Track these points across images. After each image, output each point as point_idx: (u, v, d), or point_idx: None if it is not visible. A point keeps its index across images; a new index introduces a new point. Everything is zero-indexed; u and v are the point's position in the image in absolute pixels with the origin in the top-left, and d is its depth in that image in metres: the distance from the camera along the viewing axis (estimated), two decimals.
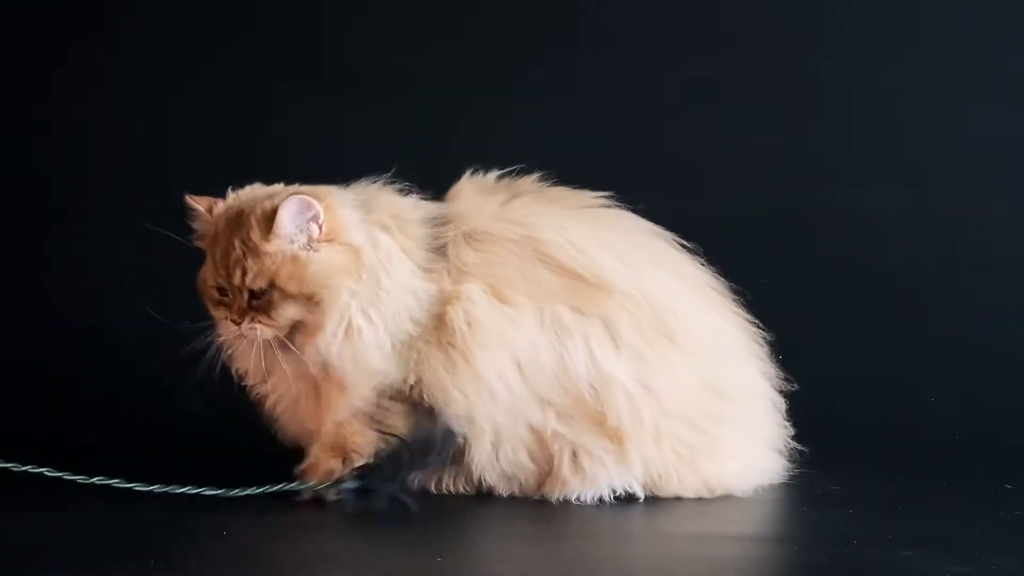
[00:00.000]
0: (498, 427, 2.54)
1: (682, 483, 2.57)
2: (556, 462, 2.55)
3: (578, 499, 2.55)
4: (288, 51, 3.48)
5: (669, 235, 2.68)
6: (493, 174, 2.67)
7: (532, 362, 2.52)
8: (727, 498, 2.58)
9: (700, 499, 2.57)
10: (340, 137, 3.41)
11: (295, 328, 2.50)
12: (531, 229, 2.58)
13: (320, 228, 2.49)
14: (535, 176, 2.67)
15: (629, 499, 2.55)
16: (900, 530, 2.39)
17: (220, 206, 2.55)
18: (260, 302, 2.49)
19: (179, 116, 3.47)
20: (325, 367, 2.53)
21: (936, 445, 2.97)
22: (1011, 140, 3.35)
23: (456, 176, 2.68)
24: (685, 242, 2.67)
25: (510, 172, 2.66)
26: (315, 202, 2.47)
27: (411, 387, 2.53)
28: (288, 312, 2.49)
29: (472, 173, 2.67)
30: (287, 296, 2.48)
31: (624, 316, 2.54)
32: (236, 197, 2.56)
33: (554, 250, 2.56)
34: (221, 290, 2.52)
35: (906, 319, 3.28)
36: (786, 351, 2.70)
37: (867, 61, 3.38)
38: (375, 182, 2.62)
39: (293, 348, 2.50)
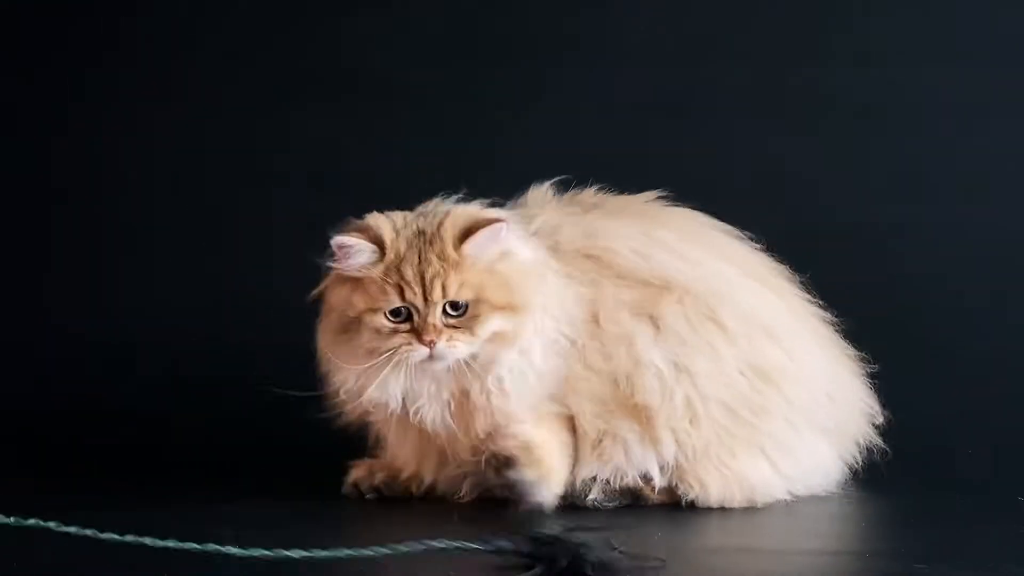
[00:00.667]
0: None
1: (719, 477, 2.57)
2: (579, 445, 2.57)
3: (598, 481, 2.55)
4: (288, 59, 3.49)
5: (725, 225, 2.71)
6: (548, 186, 2.69)
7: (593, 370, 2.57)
8: (727, 513, 2.57)
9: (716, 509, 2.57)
10: (356, 146, 3.42)
11: (489, 340, 2.51)
12: (600, 239, 2.61)
13: (499, 248, 2.52)
14: (593, 189, 2.70)
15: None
16: (912, 543, 2.38)
17: (388, 231, 2.52)
18: (462, 318, 2.49)
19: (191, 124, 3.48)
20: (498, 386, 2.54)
21: (949, 457, 2.95)
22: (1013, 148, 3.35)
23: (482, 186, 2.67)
24: (741, 232, 2.70)
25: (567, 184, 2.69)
26: (504, 226, 2.51)
27: None
28: (493, 324, 2.50)
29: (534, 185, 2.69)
30: (495, 308, 2.50)
31: (676, 312, 2.57)
32: (393, 220, 2.55)
33: (622, 260, 2.60)
34: (396, 312, 2.49)
35: (923, 330, 3.28)
36: None
37: (879, 71, 3.38)
38: (449, 197, 2.60)
39: (488, 359, 2.50)
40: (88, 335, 3.40)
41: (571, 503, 2.56)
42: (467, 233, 2.50)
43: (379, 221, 2.55)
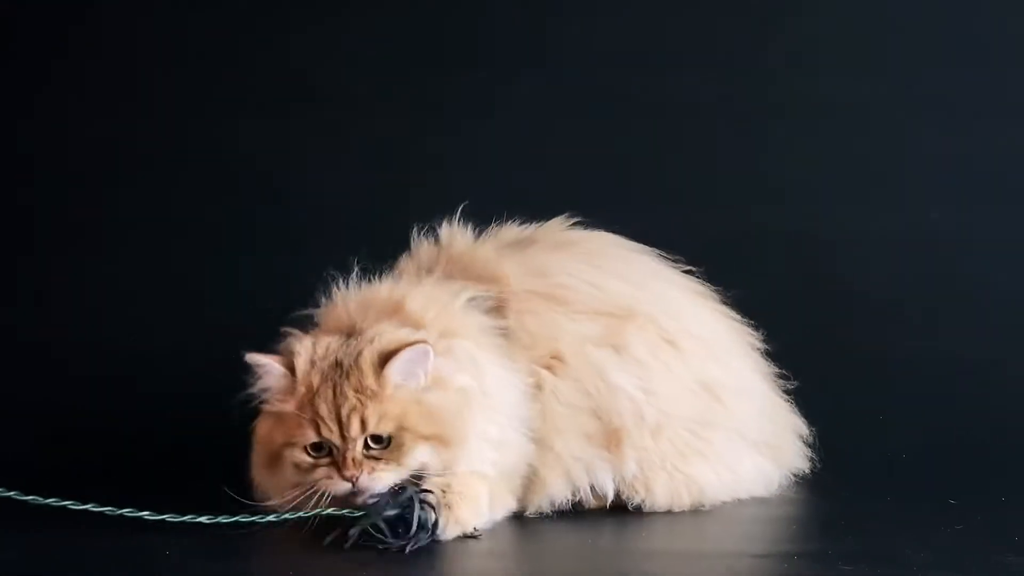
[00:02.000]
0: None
1: (667, 480, 2.59)
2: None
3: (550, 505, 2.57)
4: (240, 68, 3.49)
5: (651, 250, 2.75)
6: (466, 228, 2.68)
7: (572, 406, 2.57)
8: (673, 517, 2.59)
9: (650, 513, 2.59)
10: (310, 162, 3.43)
11: (418, 470, 2.41)
12: (555, 275, 2.62)
13: (426, 375, 2.43)
14: (511, 225, 2.70)
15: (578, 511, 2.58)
16: (841, 546, 2.39)
17: (303, 359, 2.43)
18: (386, 450, 2.39)
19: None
20: None
21: (883, 461, 2.97)
22: (988, 156, 3.37)
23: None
24: (666, 254, 2.74)
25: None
26: (431, 351, 2.42)
27: None
28: (420, 455, 2.40)
29: (441, 228, 2.67)
30: (420, 437, 2.40)
31: (638, 339, 2.60)
32: (313, 347, 2.45)
33: (583, 296, 2.61)
34: (317, 447, 2.41)
35: (857, 334, 3.29)
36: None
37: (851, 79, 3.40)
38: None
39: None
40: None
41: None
42: (386, 358, 2.41)
43: (298, 347, 2.45)
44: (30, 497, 2.47)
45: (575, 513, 2.59)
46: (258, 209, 3.39)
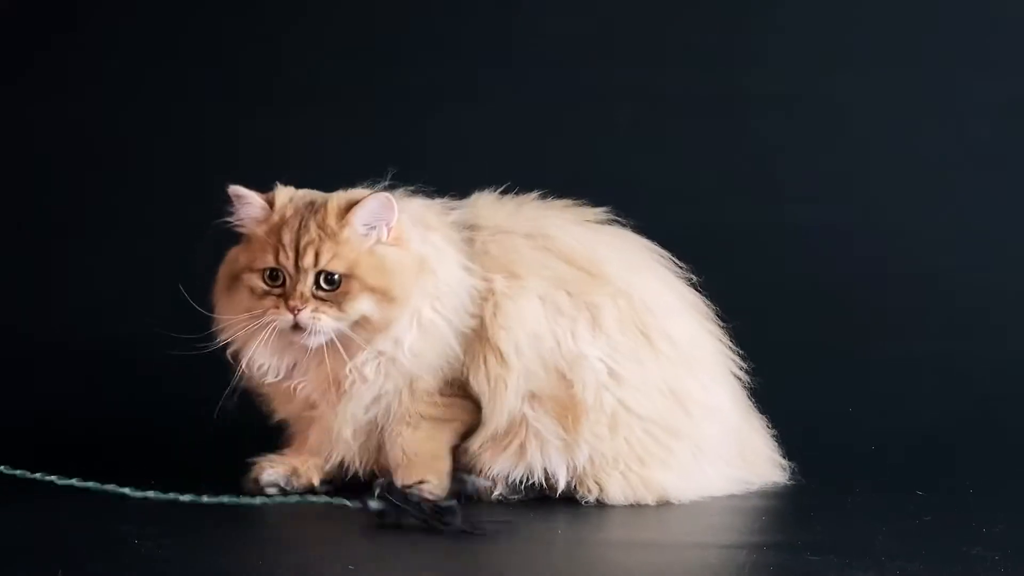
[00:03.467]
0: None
1: (623, 481, 2.59)
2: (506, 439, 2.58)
3: (500, 477, 2.58)
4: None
5: (666, 254, 2.73)
6: (495, 191, 2.71)
7: (531, 337, 2.58)
8: (637, 509, 2.59)
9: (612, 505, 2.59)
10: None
11: (358, 323, 2.52)
12: (542, 226, 2.65)
13: (389, 231, 2.54)
14: (535, 193, 2.72)
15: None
16: (809, 536, 2.41)
17: (284, 195, 2.56)
18: (333, 293, 2.50)
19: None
20: (358, 371, 2.55)
21: (853, 452, 2.99)
22: (965, 155, 3.39)
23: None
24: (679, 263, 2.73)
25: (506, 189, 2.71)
26: (395, 205, 2.53)
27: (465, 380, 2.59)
28: (362, 306, 2.52)
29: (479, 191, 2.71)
30: (366, 288, 2.51)
31: (611, 308, 2.60)
32: (300, 191, 2.58)
33: (561, 244, 2.63)
34: (273, 275, 2.52)
35: (831, 328, 3.31)
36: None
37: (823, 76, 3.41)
38: (385, 185, 2.62)
39: (358, 341, 2.51)
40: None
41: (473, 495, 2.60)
42: (351, 206, 2.52)
43: (280, 188, 2.58)
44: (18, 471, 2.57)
45: (540, 501, 2.59)
46: None
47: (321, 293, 2.50)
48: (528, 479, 2.59)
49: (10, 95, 3.52)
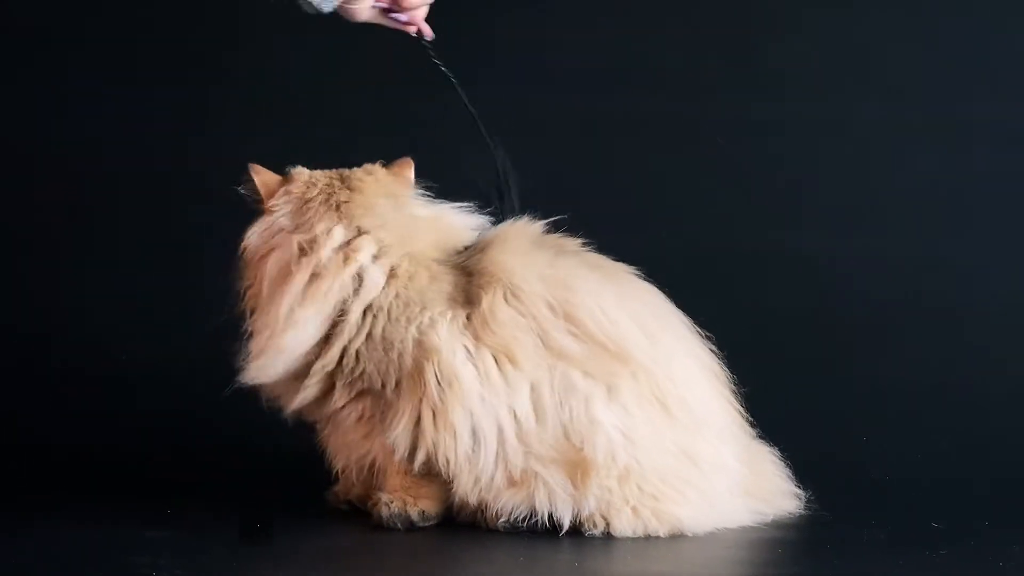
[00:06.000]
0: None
1: (632, 516, 2.57)
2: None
3: (502, 520, 2.56)
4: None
5: (687, 318, 2.70)
6: (538, 223, 2.67)
7: (528, 418, 2.54)
8: (650, 540, 2.58)
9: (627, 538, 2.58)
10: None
11: None
12: (571, 293, 2.59)
13: None
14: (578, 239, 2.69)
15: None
16: (826, 569, 2.42)
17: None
18: None
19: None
20: None
21: (869, 484, 2.98)
22: (957, 182, 3.38)
23: None
24: (700, 329, 2.70)
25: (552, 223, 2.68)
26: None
27: None
28: None
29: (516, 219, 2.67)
30: None
31: (630, 383, 2.57)
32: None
33: (586, 318, 2.58)
34: None
35: (842, 358, 3.32)
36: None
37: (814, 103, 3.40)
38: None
39: None
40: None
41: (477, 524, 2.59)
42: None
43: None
44: None
45: (546, 531, 2.58)
46: None
47: None
48: (532, 517, 2.57)
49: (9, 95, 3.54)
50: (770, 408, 2.75)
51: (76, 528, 2.54)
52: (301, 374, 2.59)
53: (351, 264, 2.57)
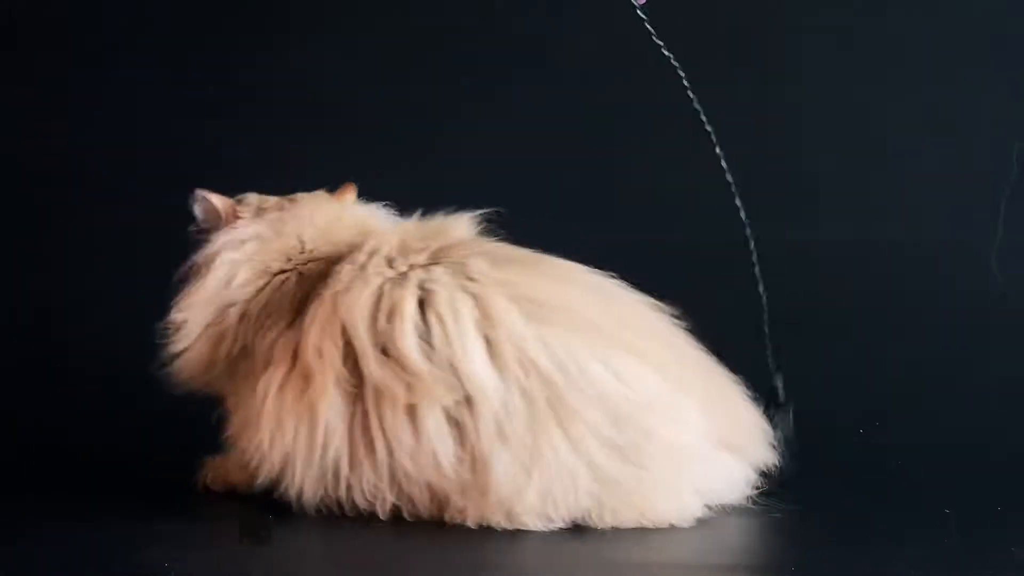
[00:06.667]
0: None
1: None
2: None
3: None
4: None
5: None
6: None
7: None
8: (666, 529, 2.56)
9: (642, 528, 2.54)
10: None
11: None
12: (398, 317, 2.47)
13: None
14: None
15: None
16: (837, 555, 2.40)
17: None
18: None
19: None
20: None
21: (880, 470, 2.96)
22: (959, 168, 3.38)
23: None
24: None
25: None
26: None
27: None
28: None
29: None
30: None
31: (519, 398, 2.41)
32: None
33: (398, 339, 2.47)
34: None
35: (853, 344, 3.33)
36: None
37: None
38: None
39: None
40: None
41: None
42: None
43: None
44: None
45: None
46: None
47: None
48: None
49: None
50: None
51: (86, 524, 2.54)
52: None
53: (218, 264, 2.60)
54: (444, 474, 2.40)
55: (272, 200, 2.68)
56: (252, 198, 2.68)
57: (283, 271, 2.60)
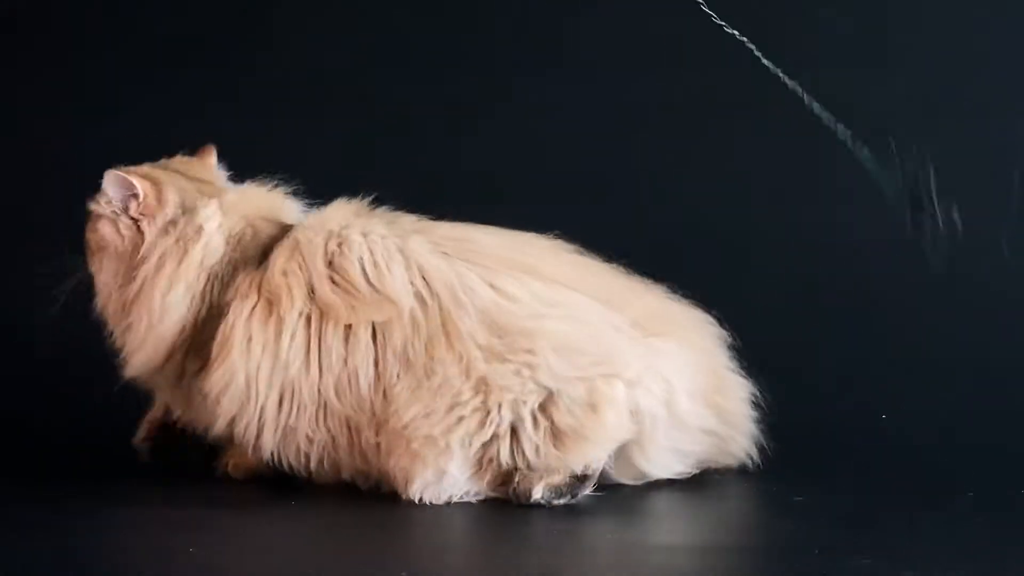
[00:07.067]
0: None
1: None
2: None
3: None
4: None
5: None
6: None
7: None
8: (687, 506, 2.59)
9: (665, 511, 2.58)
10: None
11: None
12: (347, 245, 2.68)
13: None
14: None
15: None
16: (861, 540, 2.40)
17: None
18: None
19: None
20: None
21: (902, 456, 2.96)
22: (971, 157, 3.39)
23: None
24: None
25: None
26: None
27: None
28: None
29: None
30: None
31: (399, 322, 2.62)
32: None
33: (350, 267, 2.66)
34: None
35: (878, 330, 3.32)
36: (759, 361, 2.73)
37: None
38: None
39: None
40: None
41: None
42: None
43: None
44: None
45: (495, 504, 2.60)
46: None
47: None
48: None
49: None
50: (799, 378, 2.75)
51: (111, 509, 2.57)
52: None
53: (203, 235, 2.69)
54: (361, 401, 2.60)
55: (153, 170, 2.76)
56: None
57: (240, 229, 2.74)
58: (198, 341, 2.67)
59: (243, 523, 2.53)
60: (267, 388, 2.61)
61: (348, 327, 2.61)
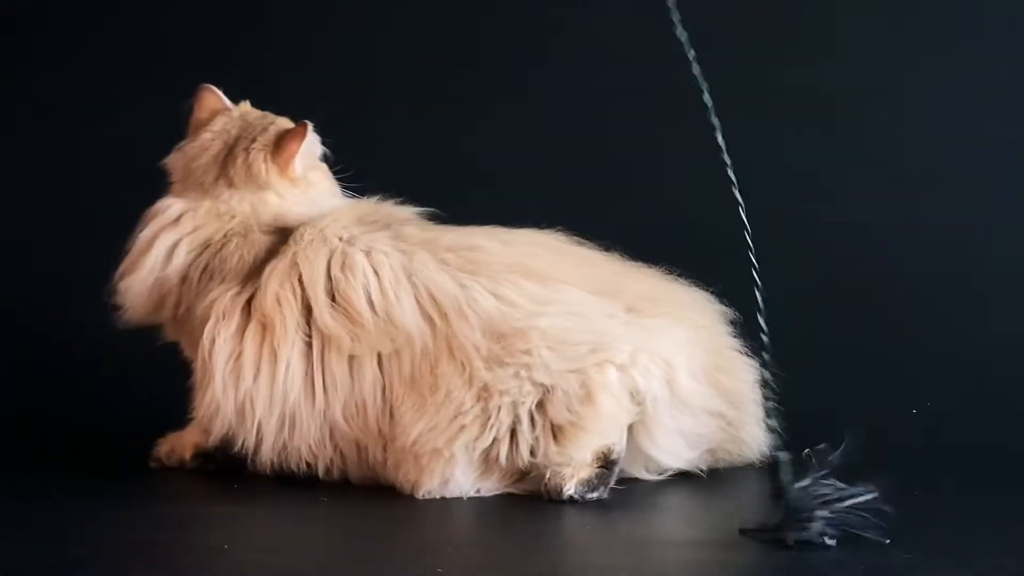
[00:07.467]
0: None
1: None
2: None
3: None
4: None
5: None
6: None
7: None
8: (699, 500, 2.58)
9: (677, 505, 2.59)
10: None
11: None
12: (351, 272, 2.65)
13: None
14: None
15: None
16: (900, 534, 2.36)
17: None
18: None
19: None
20: None
21: (938, 450, 2.95)
22: (993, 146, 3.41)
23: None
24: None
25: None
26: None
27: None
28: None
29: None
30: None
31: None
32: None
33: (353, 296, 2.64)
34: None
35: (908, 323, 3.32)
36: (782, 354, 2.71)
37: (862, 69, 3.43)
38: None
39: None
40: None
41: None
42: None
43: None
44: None
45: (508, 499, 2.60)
46: None
47: None
48: None
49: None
50: (827, 372, 2.74)
51: (146, 505, 2.56)
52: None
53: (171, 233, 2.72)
54: (369, 426, 2.59)
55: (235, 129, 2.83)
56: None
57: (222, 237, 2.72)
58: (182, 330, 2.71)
59: (268, 517, 2.54)
60: (265, 412, 2.60)
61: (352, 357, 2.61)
